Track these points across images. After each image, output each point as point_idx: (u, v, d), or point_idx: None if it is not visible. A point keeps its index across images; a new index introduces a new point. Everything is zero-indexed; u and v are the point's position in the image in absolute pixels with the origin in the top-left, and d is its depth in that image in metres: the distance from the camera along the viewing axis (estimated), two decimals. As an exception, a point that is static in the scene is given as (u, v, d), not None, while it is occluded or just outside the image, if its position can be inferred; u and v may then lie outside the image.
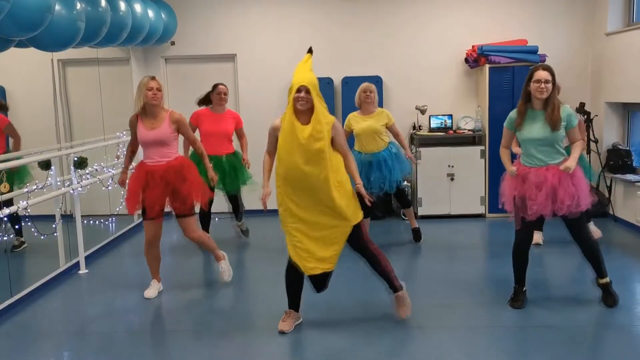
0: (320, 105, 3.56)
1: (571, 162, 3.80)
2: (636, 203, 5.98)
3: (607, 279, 4.06)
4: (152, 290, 4.54)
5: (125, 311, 4.33)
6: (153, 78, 4.28)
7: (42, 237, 4.78)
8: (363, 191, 3.71)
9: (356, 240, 3.71)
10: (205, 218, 5.80)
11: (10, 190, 5.01)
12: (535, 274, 4.70)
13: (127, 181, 4.49)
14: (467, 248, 5.75)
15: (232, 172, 5.55)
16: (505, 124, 4.08)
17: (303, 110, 3.54)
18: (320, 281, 3.73)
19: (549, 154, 3.89)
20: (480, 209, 6.91)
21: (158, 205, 4.30)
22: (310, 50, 3.86)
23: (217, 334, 3.86)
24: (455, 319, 3.97)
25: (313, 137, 3.49)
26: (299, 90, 3.52)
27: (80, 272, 5.22)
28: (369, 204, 3.73)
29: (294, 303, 3.85)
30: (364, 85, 5.59)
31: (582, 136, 5.35)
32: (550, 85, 3.82)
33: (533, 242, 5.55)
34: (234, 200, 5.88)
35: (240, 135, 5.78)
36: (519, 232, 4.03)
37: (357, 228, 3.67)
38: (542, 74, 3.81)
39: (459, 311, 4.10)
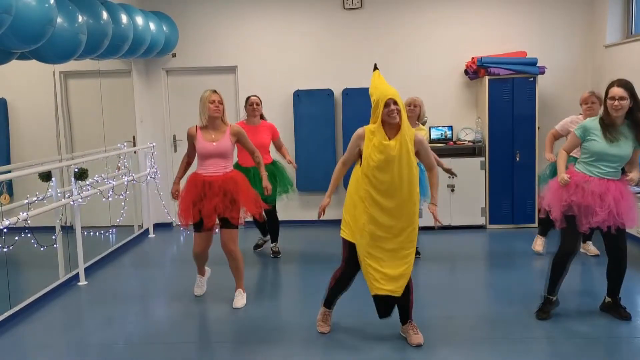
0: (405, 119, 3.52)
1: (636, 176, 3.78)
2: (638, 214, 5.96)
3: (617, 297, 4.06)
4: (201, 287, 4.76)
5: (124, 323, 4.31)
6: (215, 91, 4.35)
7: (41, 249, 4.77)
8: (436, 212, 3.69)
9: None
10: (262, 224, 5.85)
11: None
12: (536, 285, 4.68)
13: (180, 192, 4.48)
14: (468, 259, 5.74)
15: (273, 181, 5.50)
16: (577, 133, 3.93)
17: (394, 123, 3.46)
18: (386, 306, 3.68)
19: (617, 170, 3.83)
20: (481, 220, 6.90)
21: (215, 215, 4.32)
22: (376, 67, 3.82)
23: (218, 345, 3.85)
24: (457, 330, 3.96)
25: (404, 150, 3.45)
26: (387, 104, 3.45)
27: (79, 283, 5.21)
28: (437, 227, 3.70)
29: (332, 303, 3.91)
30: (409, 98, 5.34)
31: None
32: (626, 102, 3.72)
33: (535, 249, 5.56)
34: (272, 216, 5.80)
35: (279, 146, 5.81)
36: (570, 238, 3.91)
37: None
38: (616, 91, 3.73)
39: (460, 322, 4.08)
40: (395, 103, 3.45)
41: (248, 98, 5.68)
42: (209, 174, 4.33)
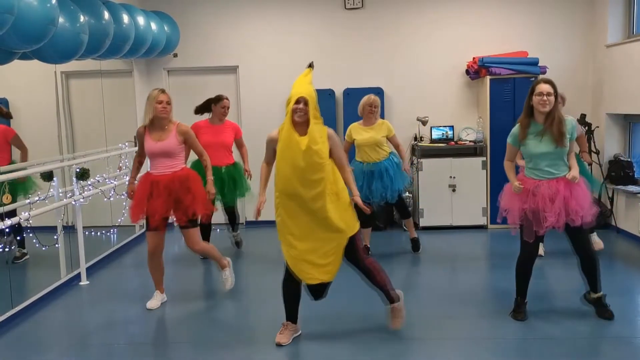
0: (313, 119, 3.58)
1: (576, 172, 3.84)
2: (638, 214, 5.97)
3: (599, 294, 4.04)
4: (155, 301, 4.54)
5: (126, 322, 4.32)
6: (163, 91, 4.34)
7: (43, 249, 4.78)
8: (360, 202, 3.73)
9: (351, 253, 3.71)
10: (206, 230, 5.80)
11: (14, 200, 5.02)
12: (536, 285, 4.67)
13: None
14: (469, 259, 5.74)
15: (231, 184, 5.58)
16: (508, 141, 4.06)
17: (301, 122, 3.56)
18: (318, 290, 3.73)
19: (558, 166, 3.89)
20: (482, 220, 6.90)
21: (159, 215, 4.32)
22: (310, 65, 3.86)
23: (217, 345, 3.85)
24: (456, 330, 3.96)
25: (310, 148, 3.51)
26: (297, 102, 3.56)
27: (81, 283, 5.22)
28: (367, 212, 3.75)
29: (291, 315, 3.83)
30: (370, 98, 5.61)
31: (584, 147, 5.39)
32: (552, 98, 3.82)
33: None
34: (231, 211, 5.91)
35: (240, 145, 5.80)
36: (527, 245, 3.98)
37: (351, 240, 3.67)
38: (544, 87, 3.81)
39: (461, 322, 4.09)
40: (305, 103, 3.55)
41: (221, 99, 5.68)
42: (157, 174, 4.35)
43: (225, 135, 5.62)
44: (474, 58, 6.87)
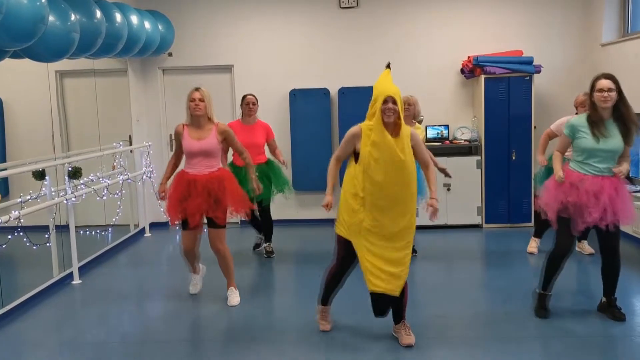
0: (402, 119, 3.49)
1: (625, 168, 3.76)
2: (634, 214, 5.95)
3: (613, 297, 4.04)
4: (196, 285, 4.75)
5: (119, 322, 4.31)
6: (197, 89, 4.33)
7: (34, 247, 4.76)
8: (436, 208, 3.63)
9: None
10: (256, 222, 5.82)
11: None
12: (535, 283, 4.67)
13: (167, 191, 4.47)
14: (464, 258, 5.73)
15: (266, 181, 5.49)
16: (565, 132, 3.94)
17: (390, 121, 3.43)
18: (382, 305, 3.66)
19: (608, 165, 3.81)
20: (477, 220, 6.89)
21: (200, 214, 4.31)
22: (388, 65, 3.73)
23: (212, 344, 3.84)
24: (452, 330, 3.95)
25: (405, 149, 3.43)
26: (386, 101, 3.41)
27: (73, 282, 5.21)
28: (434, 219, 3.68)
29: (327, 299, 3.89)
30: (404, 97, 5.25)
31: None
32: (614, 94, 3.71)
33: (529, 251, 5.57)
34: (265, 216, 5.78)
35: (274, 147, 5.76)
36: (565, 238, 3.90)
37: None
38: (604, 83, 3.72)
39: (455, 322, 4.08)
40: (394, 102, 3.42)
41: (244, 97, 5.66)
42: (194, 173, 4.32)
43: (256, 134, 5.59)
44: (468, 57, 6.86)
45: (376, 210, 3.48)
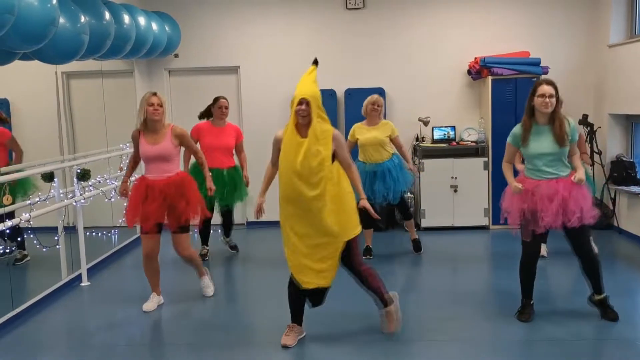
0: (316, 119, 3.55)
1: (581, 174, 3.82)
2: (637, 214, 5.95)
3: (603, 295, 4.02)
4: (152, 303, 4.53)
5: (126, 324, 4.31)
6: (155, 94, 4.31)
7: (44, 250, 4.77)
8: (368, 206, 3.70)
9: (347, 258, 3.67)
10: (205, 231, 5.80)
11: (13, 202, 5.01)
12: (540, 286, 4.64)
13: (129, 193, 4.49)
14: (471, 260, 5.72)
15: (231, 186, 5.57)
16: (509, 140, 4.06)
17: (304, 123, 3.55)
18: (316, 296, 3.70)
19: (558, 167, 3.89)
20: (484, 221, 6.88)
21: (154, 219, 4.30)
22: (315, 62, 3.84)
23: (218, 347, 3.84)
24: (457, 331, 3.94)
25: (310, 150, 3.49)
26: (300, 103, 3.54)
27: (82, 284, 5.21)
28: (376, 218, 3.73)
29: (296, 317, 3.81)
30: (374, 97, 5.62)
31: (583, 148, 5.39)
32: (554, 100, 3.82)
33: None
34: (228, 215, 5.87)
35: (239, 151, 5.77)
36: (528, 245, 3.99)
37: (348, 245, 3.63)
38: (546, 89, 3.81)
39: (462, 324, 4.07)
40: (307, 104, 3.53)
41: (218, 99, 5.66)
42: (152, 178, 4.32)
43: (226, 137, 5.62)
44: (475, 58, 6.85)
45: (291, 206, 3.59)
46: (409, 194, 6.47)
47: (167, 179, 4.31)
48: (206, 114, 5.72)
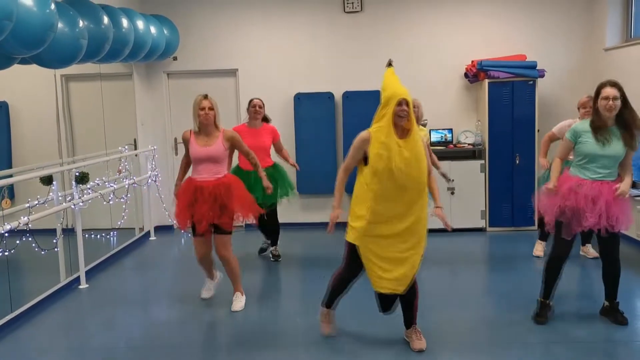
0: (414, 121, 3.47)
1: (626, 187, 3.79)
2: (637, 217, 5.97)
3: (616, 301, 4.07)
4: (209, 290, 4.75)
5: (125, 326, 4.34)
6: (206, 97, 4.34)
7: (42, 252, 4.79)
8: (443, 215, 3.62)
9: None
10: (264, 228, 5.86)
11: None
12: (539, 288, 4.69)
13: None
14: (468, 262, 5.75)
15: (273, 184, 5.50)
16: (567, 136, 3.97)
17: (401, 124, 3.41)
18: (388, 302, 3.68)
19: (611, 171, 3.85)
20: (481, 223, 6.91)
21: (207, 221, 4.31)
22: (390, 64, 3.72)
23: (219, 349, 3.87)
24: (457, 334, 3.97)
25: (414, 150, 3.40)
26: (400, 103, 3.38)
27: (80, 286, 5.23)
28: (449, 229, 3.66)
29: (332, 302, 3.88)
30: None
31: None
32: (619, 102, 3.75)
33: (535, 254, 5.60)
34: (272, 218, 5.79)
35: (280, 148, 5.82)
36: (563, 243, 3.93)
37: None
38: (610, 91, 3.75)
39: (461, 327, 4.10)
40: (407, 104, 3.41)
41: (251, 100, 5.70)
42: (201, 179, 4.34)
43: (263, 138, 5.63)
44: (472, 61, 6.89)
45: (383, 211, 3.45)
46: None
47: (217, 180, 4.33)
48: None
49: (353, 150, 3.54)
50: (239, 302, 4.57)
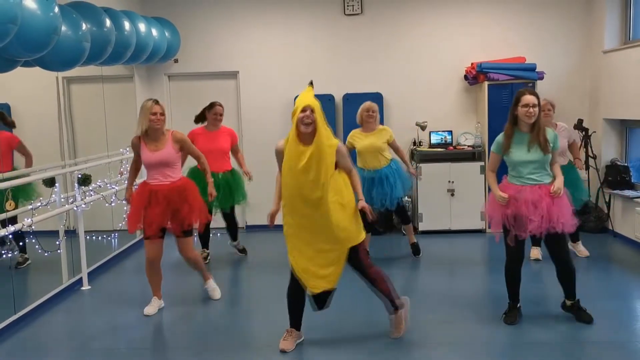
0: (323, 128, 3.58)
1: (560, 184, 3.92)
2: (635, 219, 6.01)
3: (575, 300, 4.12)
4: (152, 307, 4.58)
5: (127, 327, 4.36)
6: (157, 102, 4.36)
7: (45, 254, 4.82)
8: (366, 207, 3.73)
9: (355, 262, 3.72)
10: (205, 236, 5.86)
11: (16, 207, 5.06)
12: (533, 289, 4.73)
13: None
14: (467, 263, 5.77)
15: (227, 190, 5.60)
16: (492, 149, 4.13)
17: (307, 132, 3.55)
18: (321, 299, 3.74)
19: (541, 174, 3.97)
20: (480, 225, 6.94)
21: (156, 224, 4.36)
22: (311, 83, 3.86)
23: (218, 351, 3.89)
24: (455, 335, 4.00)
25: (314, 157, 3.52)
26: (303, 110, 3.54)
27: (83, 288, 5.26)
28: (370, 220, 3.79)
29: (295, 321, 3.86)
30: (367, 104, 5.64)
31: (576, 154, 5.49)
32: (537, 110, 3.91)
33: (532, 258, 5.63)
34: (229, 218, 5.92)
35: (236, 151, 5.84)
36: (512, 250, 4.05)
37: (356, 250, 3.69)
38: (529, 99, 3.90)
39: (459, 327, 4.13)
40: (312, 111, 3.54)
41: (213, 105, 5.70)
42: (155, 183, 4.37)
43: (221, 141, 5.66)
44: (472, 64, 6.92)
45: (296, 215, 3.64)
46: (406, 198, 6.53)
47: (171, 184, 4.37)
48: (200, 117, 5.77)
49: (276, 159, 3.76)
50: (216, 288, 4.80)
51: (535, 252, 5.68)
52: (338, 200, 3.61)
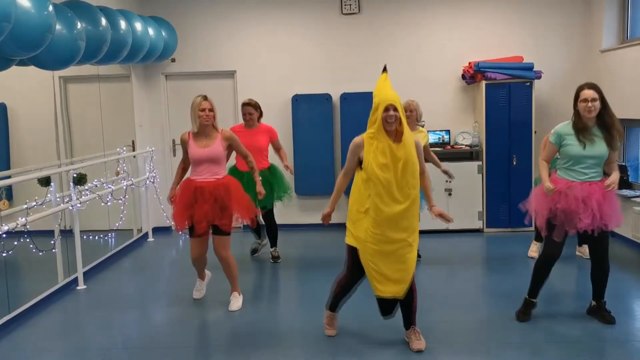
0: (405, 124, 3.53)
1: (615, 179, 3.85)
2: (632, 218, 6.00)
3: (603, 301, 4.10)
4: (199, 291, 4.79)
5: (123, 327, 4.35)
6: (205, 98, 4.35)
7: (40, 254, 4.80)
8: (442, 212, 3.71)
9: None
10: (257, 228, 5.91)
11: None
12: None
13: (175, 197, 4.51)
14: (465, 263, 5.77)
15: (268, 187, 5.48)
16: (551, 139, 4.03)
17: (391, 130, 3.48)
18: (388, 306, 3.71)
19: (597, 171, 3.91)
20: (478, 224, 6.93)
21: (206, 221, 4.33)
22: (385, 69, 3.78)
23: (217, 350, 3.88)
24: (454, 335, 3.98)
25: (407, 154, 3.46)
26: (387, 109, 3.46)
27: (78, 287, 5.24)
28: (450, 221, 3.73)
29: (336, 306, 3.92)
30: (405, 102, 5.23)
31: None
32: (598, 104, 3.81)
33: (530, 255, 5.62)
34: (269, 219, 5.81)
35: (277, 148, 5.80)
36: (554, 245, 3.97)
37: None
38: (588, 93, 3.82)
39: (458, 327, 4.11)
40: (395, 109, 3.46)
41: (242, 105, 5.69)
42: (201, 180, 4.36)
43: (259, 138, 5.61)
44: (469, 63, 6.91)
45: (380, 216, 3.50)
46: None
47: (217, 181, 4.36)
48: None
49: (349, 155, 3.66)
50: (236, 301, 4.58)
51: (534, 249, 5.69)
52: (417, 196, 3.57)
